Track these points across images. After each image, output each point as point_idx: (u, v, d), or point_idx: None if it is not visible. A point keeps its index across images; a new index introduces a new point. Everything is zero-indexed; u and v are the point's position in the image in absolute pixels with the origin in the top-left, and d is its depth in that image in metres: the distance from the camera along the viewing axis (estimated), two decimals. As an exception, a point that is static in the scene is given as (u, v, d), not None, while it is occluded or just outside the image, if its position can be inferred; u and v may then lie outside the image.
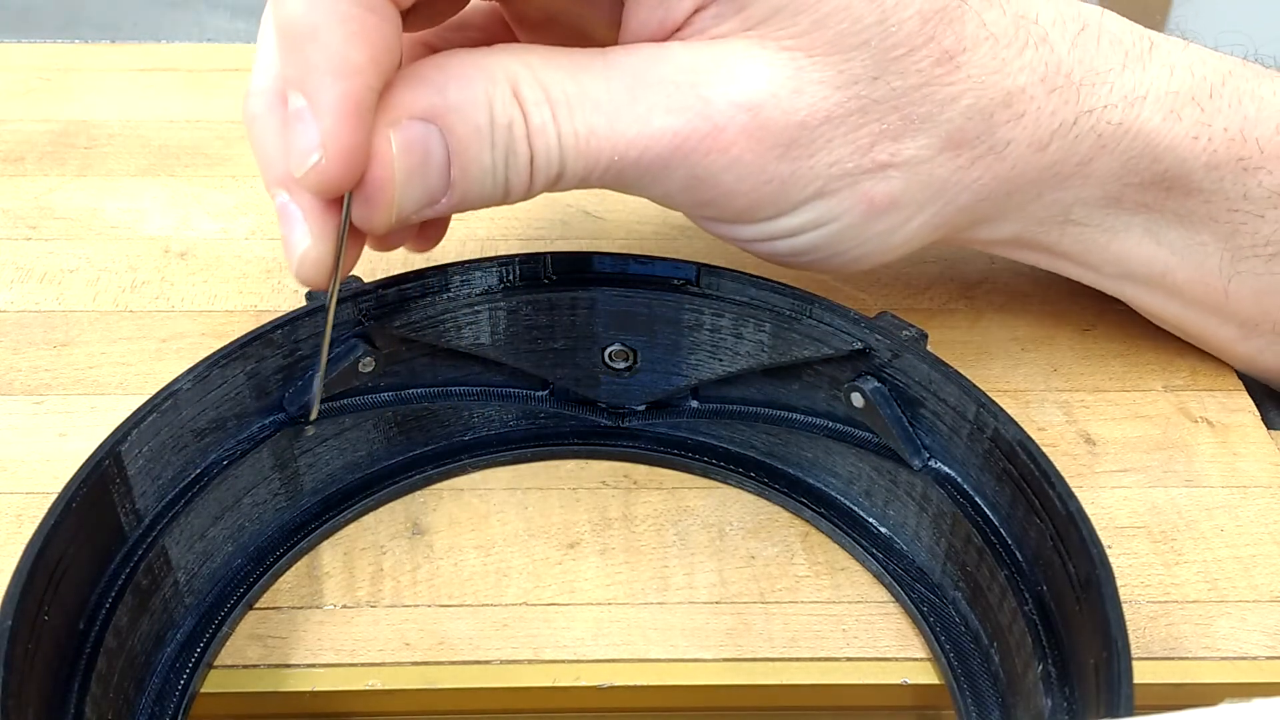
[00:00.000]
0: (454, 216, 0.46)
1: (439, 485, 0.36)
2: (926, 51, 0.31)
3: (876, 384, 0.33)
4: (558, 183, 0.31)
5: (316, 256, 0.29)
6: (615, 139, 0.30)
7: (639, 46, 0.31)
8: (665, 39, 0.31)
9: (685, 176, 0.31)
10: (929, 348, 0.33)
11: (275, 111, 0.30)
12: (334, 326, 0.33)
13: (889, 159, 0.32)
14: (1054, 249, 0.37)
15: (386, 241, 0.32)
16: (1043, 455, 0.30)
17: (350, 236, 0.30)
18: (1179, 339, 0.40)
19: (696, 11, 0.30)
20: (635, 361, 0.36)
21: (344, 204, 0.29)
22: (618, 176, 0.31)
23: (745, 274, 0.34)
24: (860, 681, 0.32)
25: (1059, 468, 0.30)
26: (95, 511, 0.29)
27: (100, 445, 0.29)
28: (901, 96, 0.31)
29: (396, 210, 0.29)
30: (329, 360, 0.33)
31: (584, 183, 0.31)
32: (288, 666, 0.32)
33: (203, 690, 0.31)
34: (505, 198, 0.30)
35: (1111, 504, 0.36)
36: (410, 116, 0.28)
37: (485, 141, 0.29)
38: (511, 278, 0.35)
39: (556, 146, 0.30)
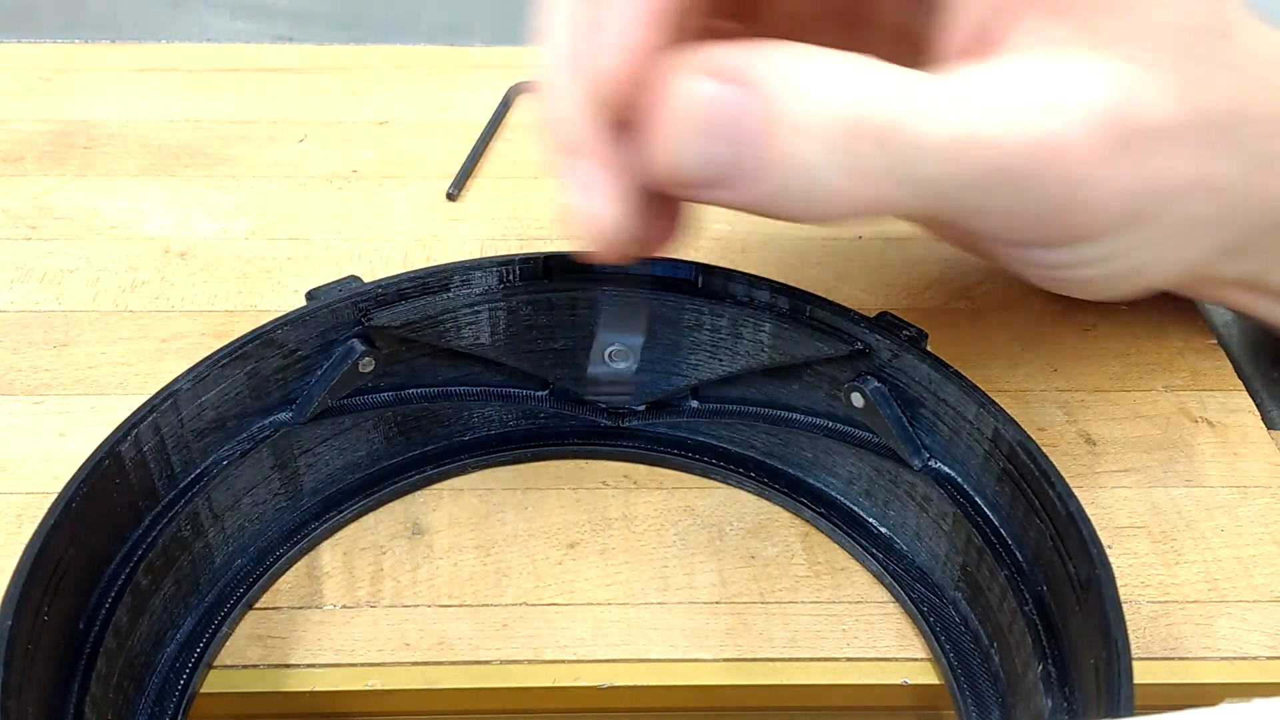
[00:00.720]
0: (460, 216, 0.46)
1: (439, 485, 0.36)
2: (1244, 62, 0.29)
3: (876, 384, 0.33)
4: (905, 197, 0.27)
5: (625, 218, 0.27)
6: (992, 148, 0.27)
7: (984, 62, 0.28)
8: (983, 53, 0.29)
9: (1040, 189, 0.28)
10: (929, 348, 0.33)
11: (568, 73, 0.28)
12: (335, 327, 0.33)
13: (1211, 174, 0.30)
14: None
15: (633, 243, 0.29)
16: (1043, 455, 0.30)
17: (650, 207, 0.28)
18: (1179, 339, 0.40)
19: (1019, 22, 0.29)
20: (635, 362, 0.36)
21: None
22: (975, 190, 0.27)
23: (745, 274, 0.34)
24: (860, 681, 0.32)
25: (1059, 468, 0.30)
26: (95, 512, 0.29)
27: (100, 445, 0.29)
28: (1223, 111, 0.29)
29: (678, 163, 0.26)
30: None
31: (941, 201, 0.27)
32: (288, 666, 0.32)
33: (203, 690, 0.31)
34: (827, 208, 0.27)
35: (1111, 504, 0.36)
36: (719, 75, 0.26)
37: (813, 134, 0.26)
38: (511, 278, 0.35)
39: (922, 154, 0.26)
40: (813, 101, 0.26)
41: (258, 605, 0.33)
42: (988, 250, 0.32)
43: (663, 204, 0.29)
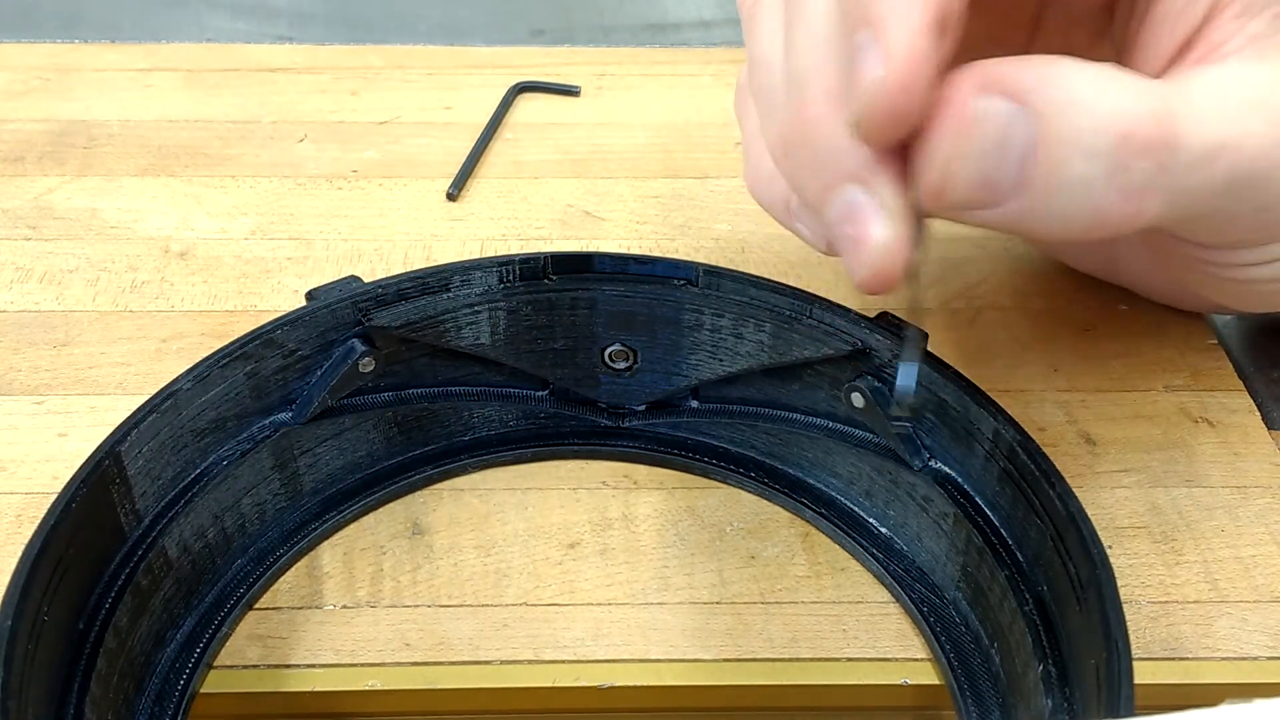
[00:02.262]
0: (460, 216, 0.46)
1: (439, 485, 0.36)
2: None
3: (877, 384, 0.33)
4: (1160, 207, 0.27)
5: (901, 240, 0.26)
6: (1237, 152, 0.27)
7: (1198, 69, 0.28)
8: (1196, 55, 0.29)
9: (1267, 189, 0.28)
10: (929, 348, 0.33)
11: (834, 100, 0.27)
12: (335, 327, 0.33)
13: None
14: None
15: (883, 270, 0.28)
16: (1043, 455, 0.30)
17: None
18: (1179, 339, 0.40)
19: (1240, 26, 0.28)
20: (635, 361, 0.37)
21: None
22: (1217, 194, 0.28)
23: (745, 274, 0.34)
24: (860, 682, 0.32)
25: (1059, 468, 0.30)
26: (95, 511, 0.29)
27: (100, 445, 0.29)
28: None
29: (951, 184, 0.26)
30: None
31: (1188, 209, 0.28)
32: (288, 667, 0.32)
33: (203, 690, 0.31)
34: (1089, 224, 0.27)
35: (1112, 504, 0.36)
36: (1002, 92, 0.25)
37: (1085, 148, 0.25)
38: (511, 278, 0.35)
39: (1184, 164, 0.26)
40: (1085, 117, 0.25)
41: (258, 605, 0.33)
42: (1191, 253, 0.32)
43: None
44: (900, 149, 0.26)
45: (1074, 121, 0.25)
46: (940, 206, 0.27)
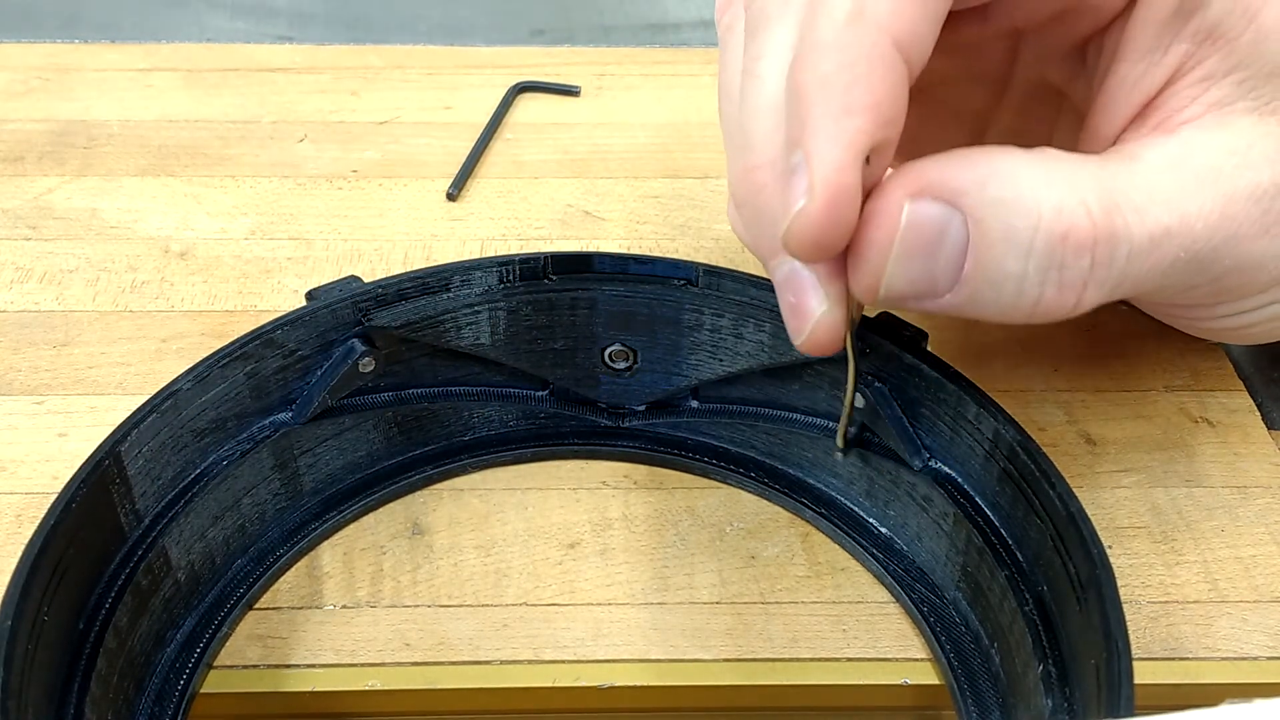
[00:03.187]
0: (460, 216, 0.46)
1: (439, 485, 0.36)
2: None
3: (877, 384, 0.33)
4: (1102, 296, 0.27)
5: (833, 321, 0.27)
6: (1183, 235, 0.27)
7: (1151, 139, 0.28)
8: (1154, 122, 0.29)
9: (1215, 264, 0.28)
10: (929, 348, 0.33)
11: (778, 173, 0.28)
12: (335, 327, 0.33)
13: None
14: None
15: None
16: (1043, 455, 0.30)
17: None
18: (1179, 339, 0.40)
19: (1173, 82, 0.29)
20: (635, 361, 0.37)
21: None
22: (1164, 275, 0.28)
23: (745, 274, 0.34)
24: (860, 682, 0.32)
25: (1059, 468, 0.30)
26: (95, 511, 0.29)
27: (100, 445, 0.29)
28: None
29: (885, 285, 0.27)
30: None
31: (1132, 291, 0.28)
32: (288, 667, 0.32)
33: (203, 690, 0.31)
34: (1028, 314, 0.27)
35: (1112, 504, 0.36)
36: (935, 196, 0.26)
37: (1019, 247, 0.26)
38: (511, 278, 0.35)
39: (1125, 256, 0.26)
40: (1019, 217, 0.26)
41: (258, 605, 0.33)
42: (1166, 313, 0.33)
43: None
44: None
45: (1007, 221, 0.26)
46: (874, 303, 0.27)
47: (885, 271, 0.26)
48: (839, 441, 0.33)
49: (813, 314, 0.27)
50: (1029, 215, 0.26)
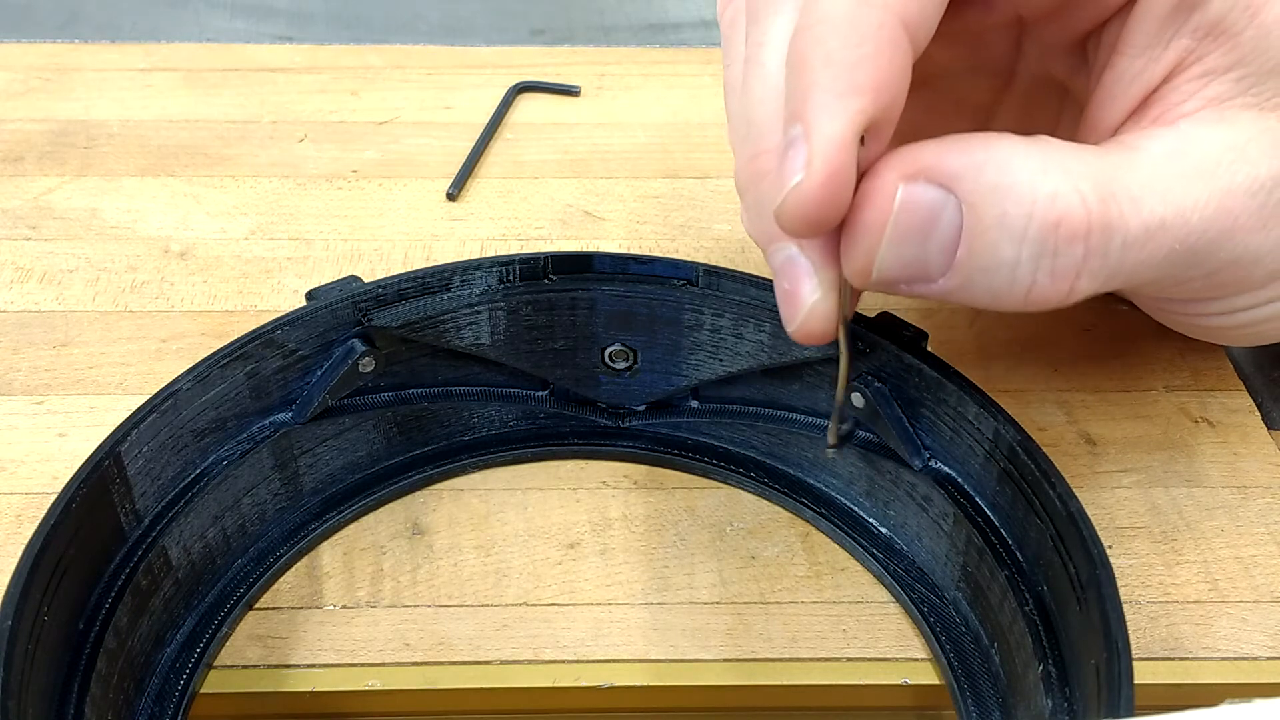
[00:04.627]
0: (460, 216, 0.47)
1: (439, 485, 0.36)
2: None
3: (877, 384, 0.33)
4: (1095, 285, 0.27)
5: (826, 309, 0.27)
6: (1179, 228, 0.27)
7: (1150, 132, 0.28)
8: (1152, 116, 0.29)
9: (1210, 258, 0.28)
10: (929, 348, 0.33)
11: (766, 168, 0.28)
12: (335, 327, 0.33)
13: None
14: None
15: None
16: (1043, 455, 0.30)
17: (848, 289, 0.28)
18: (1179, 339, 0.40)
19: (1172, 76, 0.28)
20: (635, 362, 0.36)
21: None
22: (1158, 267, 0.28)
23: (745, 274, 0.34)
24: (860, 682, 0.32)
25: (1059, 468, 0.30)
26: (95, 511, 0.29)
27: (100, 445, 0.29)
28: None
29: (877, 268, 0.26)
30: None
31: (1126, 282, 0.28)
32: (288, 667, 0.32)
33: (203, 690, 0.31)
34: (1021, 302, 0.27)
35: (1112, 504, 0.36)
36: (929, 179, 0.26)
37: (1013, 234, 0.26)
38: (511, 278, 0.35)
39: (1119, 246, 0.26)
40: (1012, 203, 0.26)
41: (258, 605, 0.33)
42: (1160, 308, 0.32)
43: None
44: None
45: (1001, 207, 0.26)
46: (866, 287, 0.27)
47: (878, 254, 0.26)
48: (830, 438, 0.33)
49: (806, 301, 0.27)
50: (1023, 202, 0.26)
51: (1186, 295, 0.31)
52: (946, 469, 0.33)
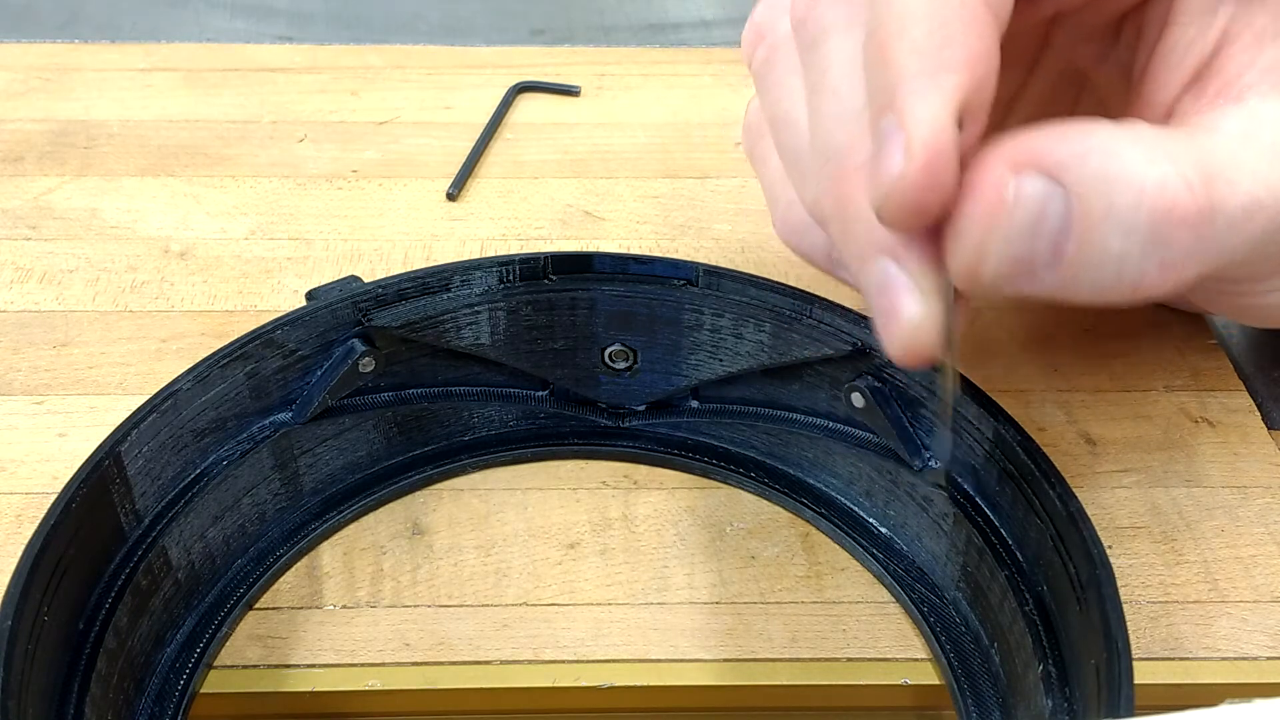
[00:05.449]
0: (460, 216, 0.46)
1: (439, 485, 0.36)
2: None
3: (877, 384, 0.33)
4: (1199, 271, 0.26)
5: (933, 319, 0.25)
6: (1273, 206, 0.26)
7: (1223, 110, 0.27)
8: (1210, 91, 0.28)
9: None
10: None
11: (852, 171, 0.26)
12: (335, 327, 0.33)
13: None
14: None
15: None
16: (1043, 455, 0.30)
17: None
18: (1179, 339, 0.40)
19: (1225, 44, 0.28)
20: (635, 362, 0.36)
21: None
22: (1253, 247, 0.27)
23: (745, 274, 0.34)
24: (860, 682, 0.32)
25: (1059, 468, 0.30)
26: (95, 511, 0.29)
27: (100, 445, 0.29)
28: None
29: (987, 264, 0.25)
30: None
31: (1223, 263, 0.27)
32: (288, 667, 0.32)
33: (203, 690, 0.31)
34: (1127, 296, 0.26)
35: (1112, 504, 0.36)
36: (1037, 169, 0.24)
37: (1122, 225, 0.25)
38: (511, 278, 0.35)
39: (1224, 229, 0.25)
40: (1123, 194, 0.24)
41: (258, 605, 0.33)
42: (1208, 298, 0.32)
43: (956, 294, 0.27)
44: (934, 225, 0.25)
45: (1112, 198, 0.24)
46: (973, 286, 0.26)
47: (987, 250, 0.25)
48: (943, 456, 0.32)
49: (909, 316, 0.26)
50: (1132, 191, 0.24)
51: (1263, 274, 0.30)
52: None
